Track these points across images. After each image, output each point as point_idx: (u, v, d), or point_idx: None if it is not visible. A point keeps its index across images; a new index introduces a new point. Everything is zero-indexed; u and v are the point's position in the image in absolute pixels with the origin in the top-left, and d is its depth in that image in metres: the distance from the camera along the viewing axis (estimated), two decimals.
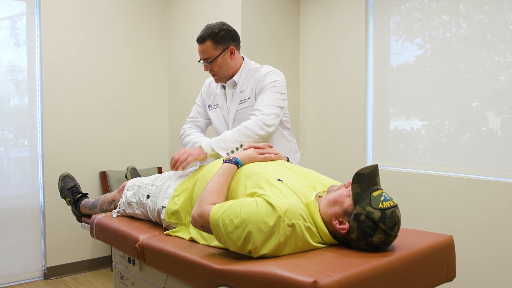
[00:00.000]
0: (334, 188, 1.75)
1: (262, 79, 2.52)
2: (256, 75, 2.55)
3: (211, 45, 2.48)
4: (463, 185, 3.27)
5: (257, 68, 2.60)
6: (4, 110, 4.13)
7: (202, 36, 2.49)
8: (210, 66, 2.52)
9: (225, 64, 2.53)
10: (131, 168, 2.86)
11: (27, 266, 4.24)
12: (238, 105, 2.57)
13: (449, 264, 1.81)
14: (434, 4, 3.47)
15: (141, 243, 2.04)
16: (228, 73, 2.56)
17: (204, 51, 2.50)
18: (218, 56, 2.50)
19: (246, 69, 2.60)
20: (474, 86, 3.27)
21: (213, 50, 2.49)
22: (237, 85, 2.59)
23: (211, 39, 2.48)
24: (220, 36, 2.49)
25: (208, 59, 2.50)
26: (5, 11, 4.08)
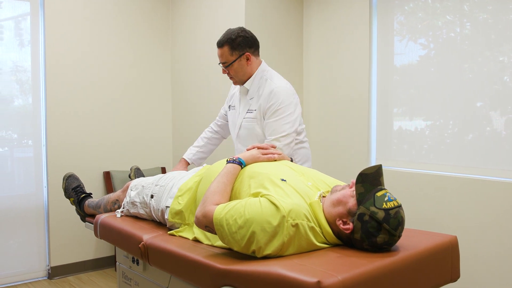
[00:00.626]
0: (338, 188, 1.74)
1: (267, 101, 2.58)
2: (263, 91, 2.62)
3: (228, 50, 2.58)
4: (467, 185, 3.26)
5: (266, 79, 2.65)
6: (8, 110, 4.14)
7: (221, 41, 2.59)
8: (227, 70, 2.64)
9: (241, 69, 2.62)
10: (134, 168, 2.86)
11: (31, 266, 4.25)
12: (246, 113, 2.67)
13: (453, 265, 1.81)
14: (438, 4, 3.46)
15: (145, 243, 2.04)
16: (244, 77, 2.66)
17: (221, 56, 2.60)
18: (234, 61, 2.60)
19: (259, 77, 2.67)
20: (478, 86, 3.26)
21: (229, 56, 2.59)
22: (248, 92, 2.69)
23: (229, 45, 2.57)
24: (237, 43, 2.58)
25: (225, 63, 2.61)
26: (10, 11, 4.09)
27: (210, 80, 4.34)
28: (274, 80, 2.65)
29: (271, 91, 2.57)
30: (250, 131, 2.66)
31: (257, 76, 2.66)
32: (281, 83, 2.64)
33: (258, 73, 2.67)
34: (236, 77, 2.66)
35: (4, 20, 4.09)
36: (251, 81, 2.66)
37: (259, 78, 2.66)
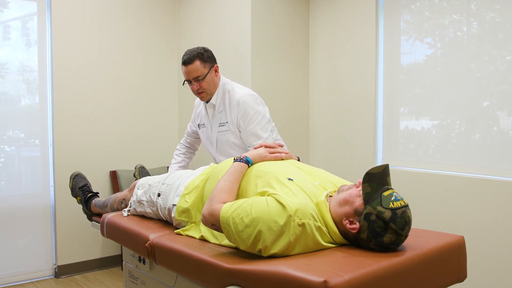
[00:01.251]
0: (345, 188, 1.74)
1: (237, 112, 2.73)
2: (229, 103, 2.77)
3: (200, 64, 2.70)
4: (474, 185, 3.25)
5: (230, 91, 2.80)
6: (15, 109, 4.16)
7: (190, 57, 2.70)
8: (199, 85, 2.73)
9: (212, 81, 2.76)
10: (139, 167, 2.88)
11: (38, 265, 4.26)
12: (218, 127, 2.83)
13: (460, 265, 1.80)
14: (445, 3, 3.45)
15: (151, 242, 2.05)
16: (214, 90, 2.80)
17: (194, 71, 2.70)
18: (207, 74, 2.72)
19: (221, 90, 2.81)
20: (485, 86, 3.25)
21: (202, 68, 2.71)
22: (215, 107, 2.82)
23: (199, 59, 2.70)
24: (206, 56, 2.73)
25: (198, 77, 2.71)
26: (17, 11, 4.11)
27: None
28: (236, 91, 2.80)
29: (237, 102, 2.73)
30: (226, 143, 2.81)
31: (220, 90, 2.81)
32: (243, 92, 2.79)
33: (220, 87, 2.82)
34: (208, 90, 2.76)
35: (11, 20, 4.11)
36: (215, 95, 2.81)
37: (222, 92, 2.81)
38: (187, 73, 2.71)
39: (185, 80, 2.78)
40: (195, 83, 2.72)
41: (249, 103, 2.73)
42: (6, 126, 4.13)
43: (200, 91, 2.75)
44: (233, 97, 2.77)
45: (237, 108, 2.73)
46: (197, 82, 2.72)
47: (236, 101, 2.74)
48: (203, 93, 2.77)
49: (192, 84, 2.74)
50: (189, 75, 2.71)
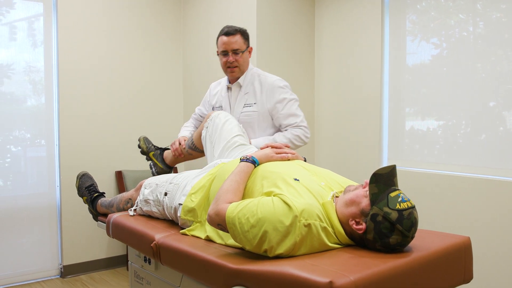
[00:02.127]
0: (351, 188, 1.74)
1: (273, 95, 2.77)
2: (261, 86, 2.80)
3: (241, 39, 2.74)
4: (480, 185, 3.24)
5: (260, 75, 2.84)
6: (21, 110, 4.18)
7: (232, 30, 2.73)
8: (236, 58, 2.75)
9: (246, 60, 2.81)
10: (143, 137, 2.92)
11: (44, 265, 4.28)
12: (243, 107, 2.81)
13: (466, 266, 1.80)
14: (451, 3, 3.44)
15: (157, 242, 2.05)
16: (245, 69, 2.83)
17: (235, 42, 2.73)
18: (245, 50, 2.77)
19: (249, 74, 2.84)
20: (491, 86, 3.24)
21: (242, 44, 2.75)
22: (241, 88, 2.83)
23: (241, 34, 2.75)
24: (247, 35, 2.79)
25: (237, 50, 2.74)
26: (23, 12, 4.12)
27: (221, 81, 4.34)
28: (268, 76, 2.84)
29: (272, 86, 2.78)
30: (249, 124, 2.79)
31: (249, 72, 2.85)
32: (276, 77, 2.84)
33: (249, 70, 2.85)
34: (241, 67, 2.79)
35: (17, 21, 4.12)
36: (243, 76, 2.83)
37: (250, 75, 2.84)
38: (227, 44, 2.72)
39: (220, 51, 2.77)
40: (232, 55, 2.74)
41: (285, 88, 2.80)
42: (12, 127, 4.15)
43: (235, 65, 2.76)
44: (265, 81, 2.80)
45: (271, 91, 2.76)
46: (235, 55, 2.74)
47: (270, 85, 2.78)
48: (236, 68, 2.78)
49: (228, 56, 2.75)
50: (228, 45, 2.72)
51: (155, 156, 2.84)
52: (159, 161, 2.84)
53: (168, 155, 2.84)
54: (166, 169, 2.84)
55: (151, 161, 2.87)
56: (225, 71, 2.84)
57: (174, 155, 2.79)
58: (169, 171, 2.85)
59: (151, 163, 2.87)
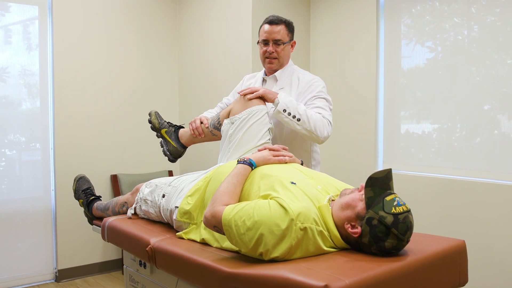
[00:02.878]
0: (347, 192, 1.74)
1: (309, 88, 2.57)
2: (301, 80, 2.62)
3: (285, 30, 2.59)
4: (475, 189, 3.25)
5: (299, 72, 2.68)
6: (16, 113, 4.16)
7: (277, 19, 2.58)
8: (276, 49, 2.59)
9: (287, 53, 2.65)
10: (154, 112, 2.72)
11: (39, 269, 4.26)
12: None
13: (461, 269, 1.80)
14: (446, 7, 3.45)
15: (152, 246, 2.05)
16: (285, 62, 2.67)
17: (277, 32, 2.57)
18: (287, 43, 2.61)
19: (289, 69, 2.68)
20: (486, 89, 3.25)
21: (286, 35, 2.59)
22: (277, 82, 2.65)
23: (285, 25, 2.60)
24: (292, 27, 2.64)
25: (279, 41, 2.58)
26: (18, 15, 4.12)
27: (217, 83, 4.35)
28: (307, 74, 2.69)
29: (311, 81, 2.60)
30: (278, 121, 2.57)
31: (288, 67, 2.68)
32: (316, 76, 2.68)
33: (289, 66, 2.69)
34: (281, 59, 2.62)
35: (12, 24, 4.11)
36: (281, 71, 2.66)
37: (289, 70, 2.68)
38: (269, 33, 2.57)
39: (261, 39, 2.62)
40: (273, 45, 2.58)
41: (322, 89, 2.62)
42: (7, 130, 4.14)
43: (274, 56, 2.60)
44: (304, 79, 2.63)
45: (308, 89, 2.58)
46: (276, 45, 2.58)
47: (308, 83, 2.61)
48: (276, 59, 2.61)
49: (268, 46, 2.59)
50: (270, 34, 2.57)
51: (168, 134, 2.65)
52: (173, 139, 2.64)
53: (184, 133, 2.64)
54: (180, 148, 2.64)
55: (163, 138, 2.67)
56: (262, 62, 2.67)
57: (193, 134, 2.57)
58: (183, 151, 2.67)
59: (162, 141, 2.68)
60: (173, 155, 2.67)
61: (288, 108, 2.36)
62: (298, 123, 2.37)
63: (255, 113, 2.33)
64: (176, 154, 2.67)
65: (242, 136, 2.30)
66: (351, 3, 4.00)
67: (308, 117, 2.39)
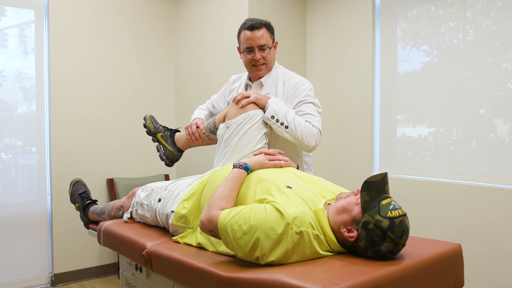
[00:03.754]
0: (343, 196, 1.74)
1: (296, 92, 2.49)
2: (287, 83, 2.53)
3: (267, 33, 2.48)
4: (471, 192, 3.25)
5: (285, 75, 2.58)
6: (12, 117, 4.15)
7: (257, 23, 2.46)
8: (263, 55, 2.48)
9: (273, 56, 2.55)
10: (149, 115, 2.69)
11: (35, 273, 4.24)
12: None
13: (458, 273, 1.80)
14: (441, 11, 3.47)
15: (148, 250, 2.04)
16: (272, 66, 2.57)
17: (261, 37, 2.46)
18: (271, 46, 2.51)
19: (274, 73, 2.58)
20: (481, 93, 3.26)
21: (269, 38, 2.49)
22: (263, 87, 2.56)
23: (266, 28, 2.48)
24: (272, 28, 2.53)
25: (264, 46, 2.47)
26: (14, 19, 4.11)
27: (214, 87, 4.35)
28: (293, 76, 2.58)
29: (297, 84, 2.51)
30: None
31: (273, 71, 2.59)
32: (302, 78, 2.58)
33: (274, 69, 2.60)
34: (268, 64, 2.53)
35: (8, 28, 4.11)
36: (266, 76, 2.57)
37: (275, 74, 2.58)
38: (252, 39, 2.45)
39: (245, 47, 2.50)
40: (259, 52, 2.47)
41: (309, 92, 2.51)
42: (3, 134, 4.13)
43: (262, 63, 2.50)
44: (289, 82, 2.53)
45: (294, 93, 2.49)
46: (261, 51, 2.47)
47: (294, 87, 2.50)
48: (264, 65, 2.51)
49: (253, 53, 2.48)
50: (254, 41, 2.45)
51: (164, 138, 2.60)
52: (169, 143, 2.59)
53: (180, 138, 2.60)
54: (177, 152, 2.60)
55: (159, 143, 2.62)
56: (249, 69, 2.56)
57: (190, 139, 2.54)
58: (179, 156, 2.64)
59: (158, 145, 2.63)
60: (170, 160, 2.64)
61: (276, 114, 2.31)
62: (286, 130, 2.32)
63: (251, 118, 2.32)
64: (172, 158, 2.64)
65: (238, 141, 2.29)
66: (347, 7, 4.02)
67: (296, 125, 2.33)
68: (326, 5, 4.20)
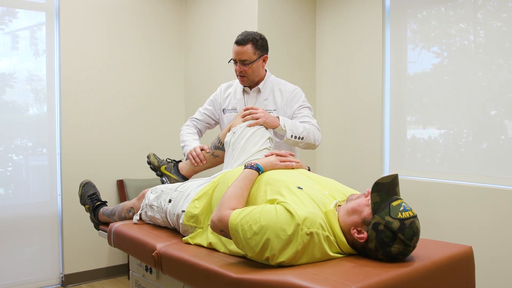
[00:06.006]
0: (353, 197, 1.74)
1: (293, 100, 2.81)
2: (284, 90, 2.83)
3: (251, 49, 2.70)
4: (482, 194, 3.23)
5: (279, 83, 2.87)
6: (23, 118, 4.19)
7: (244, 39, 2.70)
8: (244, 68, 2.73)
9: (257, 70, 2.77)
10: (152, 153, 2.82)
11: (45, 273, 4.27)
12: None
13: (469, 276, 1.79)
14: (451, 12, 3.45)
15: (158, 251, 2.05)
16: (256, 78, 2.81)
17: (243, 53, 2.70)
18: (255, 61, 2.73)
19: (269, 80, 2.86)
20: (492, 94, 3.24)
21: (252, 54, 2.71)
22: (260, 93, 2.84)
23: (252, 44, 2.71)
24: (260, 44, 2.74)
25: (245, 61, 2.71)
26: (25, 21, 4.14)
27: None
28: (287, 84, 2.88)
29: (294, 91, 2.83)
30: None
31: (268, 79, 2.86)
32: (295, 86, 2.89)
33: (268, 77, 2.87)
34: (249, 77, 2.77)
35: (19, 30, 4.14)
36: (263, 83, 2.84)
37: (269, 81, 2.85)
38: (236, 53, 2.72)
39: (232, 58, 2.77)
40: (240, 65, 2.73)
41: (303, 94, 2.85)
42: (14, 135, 4.16)
43: (242, 75, 2.76)
44: (286, 89, 2.83)
45: (292, 99, 2.80)
46: (242, 65, 2.73)
47: (291, 93, 2.82)
48: (245, 77, 2.77)
49: (236, 65, 2.75)
50: (237, 55, 2.72)
51: (168, 169, 2.74)
52: (173, 172, 2.73)
53: (184, 166, 2.73)
54: (182, 180, 2.72)
55: (164, 176, 2.76)
56: (236, 77, 2.84)
57: (194, 163, 2.66)
58: None
59: (164, 178, 2.76)
60: None
61: (293, 132, 2.56)
62: (301, 141, 2.59)
63: None
64: None
65: (245, 142, 2.36)
66: (357, 8, 4.01)
67: (308, 132, 2.62)
68: (335, 7, 4.19)
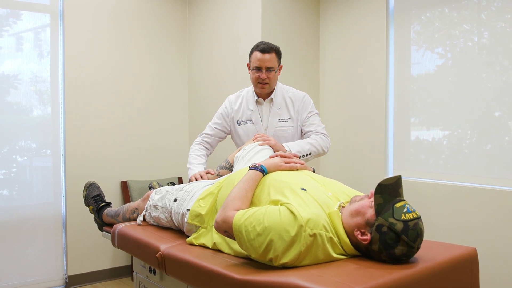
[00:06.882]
0: (357, 199, 1.74)
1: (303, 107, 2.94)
2: (294, 98, 2.95)
3: (275, 57, 2.84)
4: (486, 196, 3.23)
5: (288, 91, 2.98)
6: (27, 120, 4.20)
7: (269, 48, 2.82)
8: (268, 75, 2.83)
9: (276, 77, 2.90)
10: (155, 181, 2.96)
11: (49, 275, 4.28)
12: (277, 122, 2.92)
13: (473, 277, 1.79)
14: (455, 13, 3.45)
15: (162, 252, 2.05)
16: (274, 86, 2.93)
17: (270, 60, 2.81)
18: (277, 69, 2.87)
19: (278, 89, 2.96)
20: (496, 96, 3.23)
21: (275, 62, 2.84)
22: (273, 103, 2.93)
23: (276, 53, 2.84)
24: (280, 53, 2.89)
25: (271, 68, 2.82)
26: (30, 23, 4.16)
27: (226, 93, 4.35)
28: (295, 91, 3.00)
29: (303, 99, 2.96)
30: (284, 138, 2.90)
31: (278, 88, 2.96)
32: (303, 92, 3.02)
33: (278, 86, 2.97)
34: (271, 84, 2.87)
35: (24, 32, 4.15)
36: (274, 93, 2.93)
37: (280, 91, 2.96)
38: (262, 61, 2.79)
39: (254, 66, 2.83)
40: (266, 72, 2.81)
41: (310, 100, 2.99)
42: (18, 137, 4.17)
43: (266, 82, 2.84)
44: (295, 97, 2.95)
45: (303, 106, 2.93)
46: (268, 72, 2.81)
47: (301, 100, 2.94)
48: (267, 84, 2.85)
49: (261, 72, 2.81)
50: (263, 62, 2.79)
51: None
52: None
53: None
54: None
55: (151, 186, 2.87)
56: (255, 85, 2.90)
57: None
58: None
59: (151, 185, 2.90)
60: None
61: (300, 152, 2.72)
62: (310, 156, 2.77)
63: None
64: None
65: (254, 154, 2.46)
66: (361, 10, 4.01)
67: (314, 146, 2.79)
68: (339, 8, 4.19)
